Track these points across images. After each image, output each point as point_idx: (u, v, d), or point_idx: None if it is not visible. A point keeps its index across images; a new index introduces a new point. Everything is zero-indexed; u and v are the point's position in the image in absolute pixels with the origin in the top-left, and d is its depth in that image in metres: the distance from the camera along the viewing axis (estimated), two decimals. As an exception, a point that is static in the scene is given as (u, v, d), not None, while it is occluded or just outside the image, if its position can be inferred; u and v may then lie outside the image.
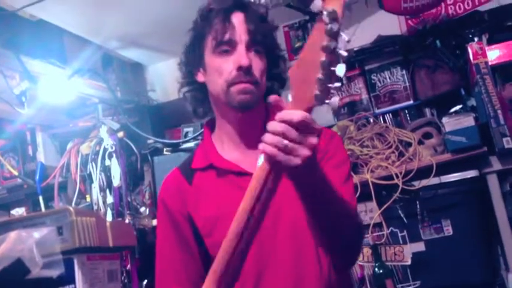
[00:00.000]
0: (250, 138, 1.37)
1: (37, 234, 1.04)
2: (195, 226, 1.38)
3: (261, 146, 1.06)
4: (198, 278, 1.35)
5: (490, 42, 2.55)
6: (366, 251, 2.36)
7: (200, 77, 1.41)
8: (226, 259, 1.12)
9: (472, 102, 2.62)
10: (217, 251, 1.24)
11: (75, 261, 1.05)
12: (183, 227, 1.40)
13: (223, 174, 1.38)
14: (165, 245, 1.44)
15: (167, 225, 1.44)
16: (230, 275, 1.21)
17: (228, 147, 1.41)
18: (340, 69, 0.96)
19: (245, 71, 1.30)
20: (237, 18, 1.33)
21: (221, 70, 1.33)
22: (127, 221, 2.58)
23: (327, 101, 1.00)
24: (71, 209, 1.02)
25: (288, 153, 1.03)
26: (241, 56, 1.30)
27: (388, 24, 2.78)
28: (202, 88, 1.42)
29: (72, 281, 1.03)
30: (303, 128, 1.02)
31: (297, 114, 1.01)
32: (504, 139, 2.37)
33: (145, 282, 2.53)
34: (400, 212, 2.45)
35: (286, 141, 1.02)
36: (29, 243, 1.03)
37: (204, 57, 1.38)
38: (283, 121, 1.03)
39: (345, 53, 0.97)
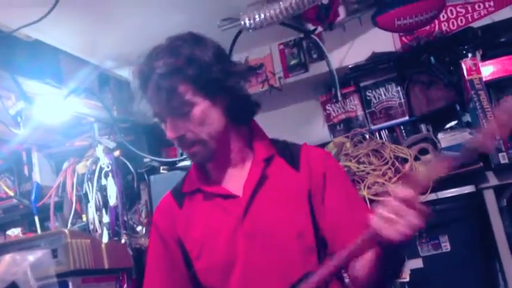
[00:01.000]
0: (237, 163, 1.40)
1: (32, 257, 1.03)
2: (185, 250, 1.40)
3: (373, 222, 1.12)
4: None
5: (484, 58, 2.57)
6: (364, 268, 2.34)
7: None
8: None
9: (467, 118, 2.63)
10: (205, 276, 1.31)
11: (70, 284, 1.04)
12: (174, 251, 1.42)
13: (210, 197, 1.39)
14: (153, 267, 1.45)
15: (158, 247, 1.46)
16: None
17: (215, 171, 1.43)
18: None
19: (178, 141, 1.33)
20: (151, 91, 1.32)
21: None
22: (123, 240, 2.56)
23: None
24: (66, 231, 1.02)
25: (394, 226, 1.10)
26: (168, 128, 1.33)
27: (382, 41, 2.80)
28: None
29: (67, 304, 1.02)
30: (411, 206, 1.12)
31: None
32: (500, 154, 2.37)
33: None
34: (397, 228, 2.44)
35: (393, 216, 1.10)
36: (23, 266, 1.02)
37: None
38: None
39: None
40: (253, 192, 1.35)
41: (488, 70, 2.50)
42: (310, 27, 2.74)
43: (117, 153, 2.76)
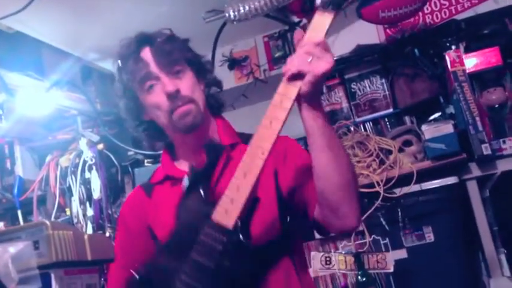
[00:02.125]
0: (201, 149, 1.41)
1: (12, 249, 1.02)
2: (155, 236, 1.43)
3: (284, 68, 1.20)
4: None
5: (467, 50, 2.58)
6: (349, 259, 2.36)
7: (146, 116, 1.47)
8: None
9: (451, 109, 2.65)
10: None
11: (53, 276, 1.03)
12: (141, 242, 1.44)
13: (177, 182, 1.42)
14: (118, 259, 1.47)
15: (123, 240, 1.50)
16: None
17: (182, 159, 1.48)
18: None
19: (174, 96, 1.36)
20: (146, 54, 1.39)
21: (157, 104, 1.39)
22: (108, 234, 2.55)
23: None
24: (47, 222, 1.01)
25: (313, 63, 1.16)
26: (165, 84, 1.37)
27: (366, 33, 2.81)
28: (152, 125, 1.48)
29: (49, 296, 1.01)
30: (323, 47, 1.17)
31: (319, 37, 1.18)
32: (483, 145, 2.39)
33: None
34: (382, 219, 2.46)
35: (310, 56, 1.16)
36: (4, 258, 1.01)
37: (140, 100, 1.43)
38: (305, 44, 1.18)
39: None
40: (218, 175, 1.39)
41: (471, 62, 2.52)
42: (295, 19, 2.74)
43: (100, 146, 2.74)
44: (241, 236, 1.15)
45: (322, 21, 1.21)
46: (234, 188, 1.16)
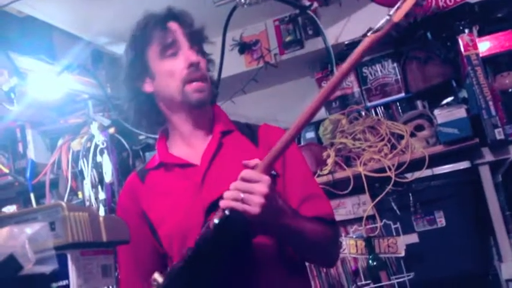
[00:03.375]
0: (199, 136, 1.47)
1: (29, 230, 1.02)
2: (149, 221, 1.45)
3: (221, 202, 1.19)
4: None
5: (481, 33, 2.55)
6: (360, 243, 2.36)
7: (148, 87, 1.47)
8: None
9: (464, 94, 2.63)
10: (167, 242, 1.39)
11: (69, 257, 1.03)
12: (137, 227, 1.44)
13: (171, 168, 1.46)
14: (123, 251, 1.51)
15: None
16: None
17: (177, 146, 1.50)
18: None
19: (196, 66, 1.40)
20: (173, 25, 1.44)
21: (173, 71, 1.41)
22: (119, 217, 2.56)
23: None
24: (63, 204, 1.01)
25: (245, 203, 1.17)
26: (189, 53, 1.41)
27: (378, 16, 2.77)
28: (148, 100, 1.49)
29: (65, 276, 1.01)
30: (250, 180, 1.18)
31: (243, 172, 1.20)
32: (496, 130, 2.38)
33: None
34: (393, 204, 2.46)
35: (240, 194, 1.17)
36: (21, 239, 1.02)
37: (150, 66, 1.44)
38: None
39: None
40: (210, 161, 1.42)
41: (485, 46, 2.49)
42: (306, 2, 2.71)
43: (112, 130, 2.74)
44: None
45: None
46: None
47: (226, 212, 1.18)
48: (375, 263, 2.33)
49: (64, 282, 1.00)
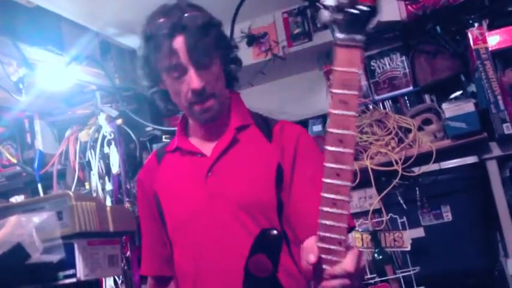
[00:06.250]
0: (215, 129, 1.46)
1: (37, 219, 1.04)
2: (160, 204, 1.47)
3: None
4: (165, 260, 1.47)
5: (491, 27, 2.53)
6: (365, 237, 2.36)
7: (163, 86, 1.46)
8: None
9: (472, 88, 2.61)
10: (172, 231, 1.40)
11: (76, 246, 1.05)
12: (153, 204, 1.48)
13: (185, 154, 1.47)
14: (142, 220, 1.54)
15: (142, 200, 1.54)
16: None
17: (195, 132, 1.50)
18: None
19: (199, 93, 1.35)
20: (178, 43, 1.34)
21: (178, 92, 1.39)
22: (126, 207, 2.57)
23: None
24: (71, 193, 1.02)
25: None
26: (192, 80, 1.35)
27: (388, 10, 2.76)
28: (167, 93, 1.46)
29: (72, 265, 1.02)
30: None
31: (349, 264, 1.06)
32: (504, 125, 2.36)
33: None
34: (399, 198, 2.45)
35: None
36: (28, 228, 1.03)
37: (161, 76, 1.42)
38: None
39: None
40: (220, 153, 1.42)
41: (494, 40, 2.47)
42: (315, -5, 2.71)
43: (119, 121, 2.75)
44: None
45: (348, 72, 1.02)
46: None
47: None
48: (380, 257, 2.33)
49: (71, 271, 1.01)
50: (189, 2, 1.44)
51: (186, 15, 1.35)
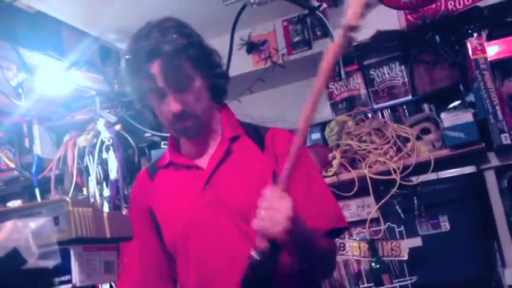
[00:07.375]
0: (207, 140, 1.48)
1: (33, 224, 1.03)
2: (155, 219, 1.48)
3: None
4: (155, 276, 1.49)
5: (490, 38, 2.54)
6: (363, 245, 2.36)
7: (149, 102, 1.46)
8: None
9: (471, 98, 2.61)
10: (170, 244, 1.42)
11: (72, 252, 1.03)
12: (148, 221, 1.49)
13: (179, 169, 1.48)
14: (137, 243, 1.48)
15: (135, 218, 1.50)
16: None
17: (188, 146, 1.51)
18: None
19: (179, 116, 1.37)
20: (155, 68, 1.35)
21: (161, 113, 1.41)
22: (124, 214, 2.57)
23: None
24: (68, 199, 1.01)
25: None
26: (170, 104, 1.36)
27: (387, 19, 2.77)
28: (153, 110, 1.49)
29: (68, 271, 1.01)
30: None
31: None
32: (502, 135, 2.36)
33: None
34: (397, 207, 2.45)
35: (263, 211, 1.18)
36: (25, 233, 1.02)
37: (146, 94, 1.43)
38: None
39: None
40: (216, 165, 1.43)
41: (493, 50, 2.48)
42: (315, 3, 2.72)
43: (118, 127, 2.75)
44: None
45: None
46: None
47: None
48: (377, 266, 2.33)
49: (66, 277, 1.00)
50: (174, 19, 1.43)
51: (165, 38, 1.35)
